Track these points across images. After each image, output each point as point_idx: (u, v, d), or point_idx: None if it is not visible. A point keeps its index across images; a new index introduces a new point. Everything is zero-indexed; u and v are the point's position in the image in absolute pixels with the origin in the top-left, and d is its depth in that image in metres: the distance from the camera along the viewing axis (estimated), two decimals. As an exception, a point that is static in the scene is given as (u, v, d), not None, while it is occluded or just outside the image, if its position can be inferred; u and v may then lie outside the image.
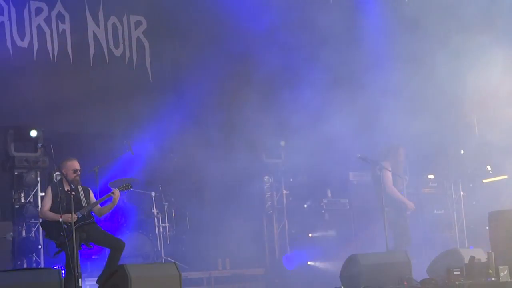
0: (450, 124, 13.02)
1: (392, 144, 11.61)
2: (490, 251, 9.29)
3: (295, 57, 13.69)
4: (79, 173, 10.29)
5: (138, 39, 14.39)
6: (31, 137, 12.43)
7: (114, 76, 13.90)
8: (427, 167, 13.81)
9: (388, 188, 11.16)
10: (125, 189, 10.65)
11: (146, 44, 14.47)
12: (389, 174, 11.15)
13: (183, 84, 14.29)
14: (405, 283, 9.27)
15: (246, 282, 13.16)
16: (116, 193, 10.25)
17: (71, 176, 10.10)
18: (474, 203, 13.17)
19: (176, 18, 14.49)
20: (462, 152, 13.17)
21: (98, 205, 10.36)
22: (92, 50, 13.87)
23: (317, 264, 13.22)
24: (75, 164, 10.25)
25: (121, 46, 14.18)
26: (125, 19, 14.29)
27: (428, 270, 9.75)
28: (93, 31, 13.90)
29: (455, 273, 9.11)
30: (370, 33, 13.66)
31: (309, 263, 13.39)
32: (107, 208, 10.48)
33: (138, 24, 14.41)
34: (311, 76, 13.10)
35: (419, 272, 9.62)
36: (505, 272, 8.98)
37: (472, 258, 9.28)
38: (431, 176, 13.91)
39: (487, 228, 10.45)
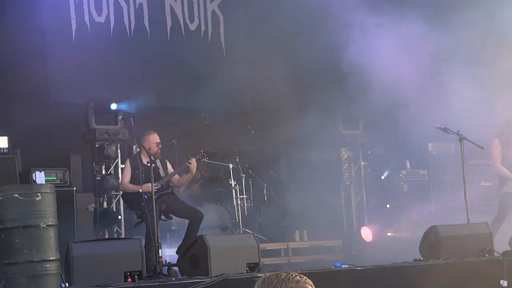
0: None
1: (506, 119, 11.23)
2: None
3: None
4: (161, 146, 10.42)
5: (213, 12, 14.43)
6: (112, 110, 12.62)
7: (189, 49, 13.98)
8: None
9: (494, 167, 11.00)
10: (201, 158, 10.74)
11: (221, 17, 14.50)
12: (495, 152, 10.95)
13: (256, 56, 14.26)
14: (486, 255, 9.15)
15: (324, 253, 13.14)
16: (193, 162, 10.32)
17: (154, 149, 10.25)
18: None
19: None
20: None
21: (177, 176, 10.48)
22: (169, 23, 13.96)
23: (396, 235, 13.14)
24: (157, 138, 10.40)
25: (196, 19, 14.24)
26: (201, -10, 14.36)
27: (510, 242, 9.59)
28: (170, 5, 13.99)
29: (539, 246, 8.98)
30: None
31: (388, 234, 13.30)
32: (186, 178, 10.61)
33: (213, -4, 14.46)
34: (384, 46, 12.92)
35: (501, 244, 9.48)
36: None
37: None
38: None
39: None
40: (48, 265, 6.88)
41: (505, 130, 11.11)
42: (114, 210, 12.29)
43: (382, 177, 14.09)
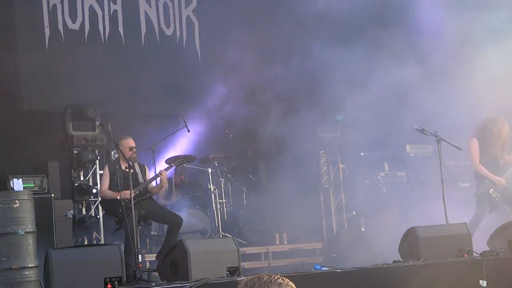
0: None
1: (483, 120, 11.22)
2: (553, 222, 9.17)
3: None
4: (135, 150, 10.40)
5: (188, 17, 14.44)
6: (89, 116, 12.59)
7: (165, 55, 13.99)
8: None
9: (473, 165, 11.06)
10: (179, 164, 10.73)
11: (196, 22, 14.51)
12: (474, 151, 10.99)
13: (231, 62, 14.28)
14: (465, 255, 9.19)
15: (304, 256, 13.17)
16: (163, 173, 10.35)
17: (128, 153, 10.22)
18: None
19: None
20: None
21: (152, 184, 10.46)
22: (143, 29, 13.97)
23: (375, 236, 13.16)
24: (131, 142, 10.39)
25: (171, 25, 14.25)
26: (176, -2, 14.37)
27: (489, 243, 9.64)
28: (145, 10, 14.01)
29: (516, 245, 9.01)
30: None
31: (363, 230, 13.34)
32: (156, 189, 10.58)
33: (188, 2, 14.48)
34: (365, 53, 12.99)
35: (480, 245, 9.51)
36: None
37: (534, 230, 9.18)
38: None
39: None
40: (27, 272, 6.85)
41: (482, 131, 11.15)
42: (94, 216, 12.25)
43: (366, 182, 14.09)
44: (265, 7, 14.39)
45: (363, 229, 13.63)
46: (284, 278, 3.57)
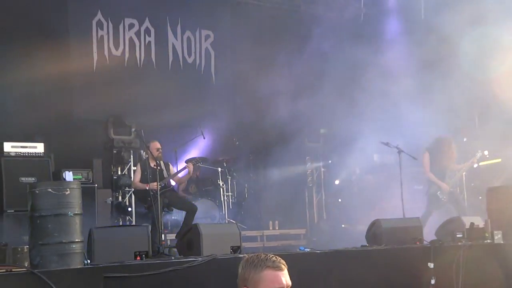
0: (456, 118, 12.75)
1: (439, 136, 11.30)
2: (487, 219, 9.14)
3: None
4: (161, 151, 10.41)
5: (206, 49, 14.43)
6: (126, 124, 12.59)
7: (186, 78, 13.99)
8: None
9: (425, 172, 11.07)
10: (196, 163, 10.75)
11: (212, 53, 14.51)
12: (425, 162, 11.02)
13: (240, 86, 14.30)
14: (417, 243, 9.17)
15: (291, 239, 13.14)
16: (190, 166, 10.38)
17: (155, 153, 10.23)
18: (472, 184, 12.96)
19: (237, 33, 14.52)
20: (465, 139, 12.94)
21: (178, 176, 10.47)
22: (170, 57, 13.97)
23: (347, 226, 13.16)
24: (157, 144, 10.42)
25: (193, 54, 14.24)
26: (197, 33, 14.37)
27: (436, 233, 9.61)
28: (172, 43, 14.01)
29: (458, 236, 8.97)
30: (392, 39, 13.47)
31: (342, 225, 13.31)
32: (185, 178, 10.61)
33: (207, 37, 14.47)
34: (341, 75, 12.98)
35: (429, 235, 9.50)
36: (499, 236, 8.83)
37: (472, 224, 9.13)
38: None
39: (480, 198, 10.32)
40: (74, 246, 6.81)
41: (435, 146, 11.17)
42: (127, 203, 12.24)
43: (336, 182, 14.08)
44: (268, 39, 14.39)
45: (343, 226, 13.57)
46: (277, 257, 3.59)
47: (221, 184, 12.81)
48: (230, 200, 13.04)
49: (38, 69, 11.89)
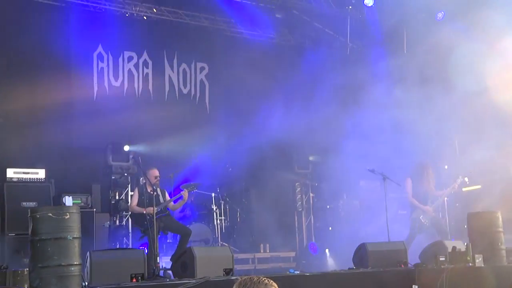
0: (438, 146, 12.77)
1: (418, 163, 11.27)
2: (468, 243, 9.10)
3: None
4: (159, 178, 10.34)
5: (201, 80, 14.46)
6: (125, 151, 12.55)
7: (182, 108, 13.99)
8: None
9: (408, 198, 11.05)
10: (192, 189, 10.68)
11: (207, 84, 14.54)
12: (408, 188, 10.99)
13: (231, 115, 14.34)
14: (402, 266, 9.13)
15: (281, 262, 13.06)
16: (185, 193, 10.29)
17: (153, 180, 10.17)
18: (457, 204, 12.93)
19: (231, 64, 14.58)
20: (446, 167, 12.95)
21: (172, 202, 10.39)
22: (167, 88, 13.99)
23: (336, 249, 13.06)
24: (156, 172, 10.34)
25: (188, 85, 14.27)
26: (193, 65, 14.42)
27: (420, 257, 9.57)
28: (169, 75, 14.04)
29: (441, 259, 8.94)
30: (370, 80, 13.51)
31: (326, 250, 13.22)
32: (179, 205, 10.52)
33: (202, 69, 14.52)
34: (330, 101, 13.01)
35: (413, 258, 9.45)
36: (480, 259, 8.80)
37: (454, 248, 9.11)
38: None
39: (465, 226, 10.29)
40: (72, 268, 6.75)
41: (416, 171, 11.16)
42: (125, 226, 12.14)
43: (328, 207, 14.01)
44: (260, 70, 14.44)
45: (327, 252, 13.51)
46: (269, 280, 3.55)
47: (214, 209, 12.74)
48: (223, 224, 12.96)
49: (40, 97, 11.94)
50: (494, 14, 11.49)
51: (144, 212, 9.81)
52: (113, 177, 12.36)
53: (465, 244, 9.14)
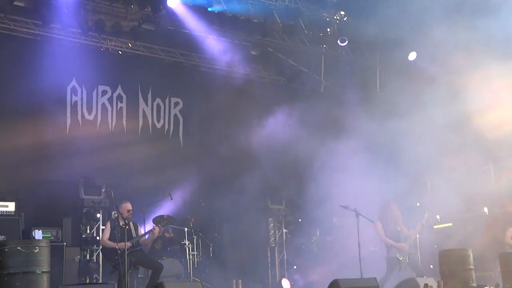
0: (410, 184, 12.85)
1: (381, 202, 11.22)
2: (440, 280, 9.11)
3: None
4: (131, 212, 10.24)
5: (175, 115, 14.48)
6: (97, 184, 12.42)
7: (155, 142, 13.97)
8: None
9: (380, 238, 11.02)
10: (165, 224, 10.57)
11: (181, 119, 14.55)
12: (379, 230, 10.94)
13: (204, 150, 14.33)
14: (375, 303, 9.08)
15: (254, 299, 12.96)
16: (156, 229, 10.20)
17: (125, 214, 10.06)
18: (426, 246, 12.98)
19: (205, 100, 14.64)
20: (418, 204, 13.02)
21: (144, 238, 10.26)
22: (140, 123, 13.97)
23: (308, 285, 13.00)
24: (129, 206, 10.24)
25: (161, 120, 14.26)
26: (167, 100, 14.44)
27: (393, 295, 9.56)
28: (143, 109, 14.04)
29: (413, 296, 8.93)
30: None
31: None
32: (149, 240, 10.40)
33: (176, 104, 14.54)
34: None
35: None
36: (451, 296, 8.82)
37: (426, 285, 9.10)
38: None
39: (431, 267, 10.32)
40: (41, 303, 6.62)
41: (382, 212, 11.13)
42: (95, 261, 11.94)
43: (303, 246, 13.89)
44: (235, 105, 14.50)
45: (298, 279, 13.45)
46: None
47: (187, 244, 12.60)
48: (196, 259, 12.80)
49: (11, 130, 11.81)
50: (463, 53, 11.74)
51: (116, 246, 9.67)
52: (84, 211, 12.19)
53: (437, 281, 9.14)
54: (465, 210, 12.43)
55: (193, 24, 13.29)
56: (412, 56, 14.18)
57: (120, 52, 13.73)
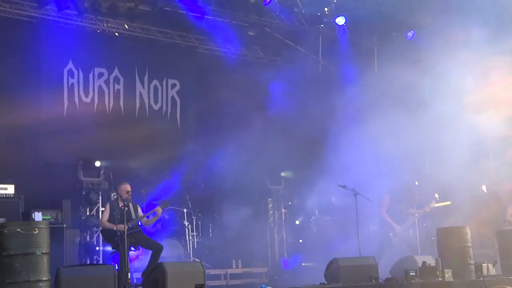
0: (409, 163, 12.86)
1: (402, 185, 11.25)
2: (437, 257, 9.18)
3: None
4: (130, 193, 10.26)
5: (172, 97, 14.45)
6: (96, 166, 12.44)
7: (153, 124, 13.96)
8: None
9: (380, 213, 11.07)
10: (165, 207, 10.61)
11: (178, 101, 14.53)
12: (385, 202, 11.00)
13: (202, 132, 14.32)
14: (373, 281, 9.17)
15: (253, 278, 13.03)
16: (159, 210, 10.23)
17: (124, 195, 10.09)
18: (424, 225, 13.03)
19: (202, 81, 14.61)
20: (416, 183, 13.05)
21: (145, 218, 10.31)
22: (137, 105, 13.96)
23: (307, 265, 13.06)
24: (128, 187, 10.25)
25: (159, 102, 14.24)
26: (164, 82, 14.40)
27: (391, 272, 9.62)
28: (139, 91, 14.02)
29: (411, 274, 8.98)
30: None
31: (303, 264, 13.20)
32: (151, 221, 10.44)
33: (173, 86, 14.50)
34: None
35: (384, 273, 9.49)
36: (449, 274, 8.88)
37: (424, 263, 9.17)
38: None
39: (432, 238, 10.36)
40: (41, 284, 6.69)
41: (400, 192, 11.12)
42: (95, 242, 12.00)
43: (297, 222, 14.01)
44: (231, 86, 14.47)
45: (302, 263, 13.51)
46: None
47: (186, 224, 12.67)
48: (195, 239, 12.90)
49: (10, 113, 11.80)
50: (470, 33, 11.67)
51: (115, 228, 9.71)
52: (83, 193, 12.24)
53: (435, 259, 9.21)
54: (463, 188, 12.46)
55: (190, 4, 13.22)
56: (410, 34, 14.11)
57: (117, 34, 13.67)
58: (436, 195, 12.45)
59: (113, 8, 12.86)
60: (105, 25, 13.40)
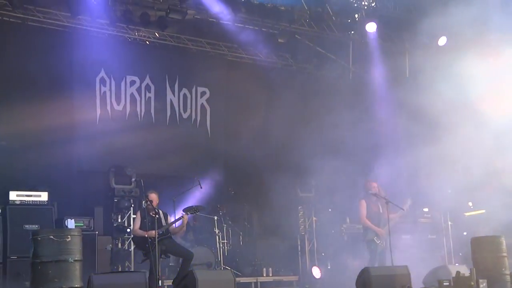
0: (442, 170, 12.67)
1: (363, 184, 11.08)
2: (472, 267, 9.02)
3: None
4: (158, 201, 10.29)
5: (202, 105, 14.49)
6: (127, 174, 12.52)
7: (183, 132, 14.00)
8: (423, 202, 13.49)
9: (361, 219, 10.87)
10: (194, 212, 10.60)
11: (208, 108, 14.55)
12: (362, 209, 10.78)
13: (234, 139, 14.32)
14: (406, 290, 9.04)
15: (284, 286, 12.97)
16: (185, 217, 10.21)
17: (154, 203, 10.11)
18: (464, 233, 12.80)
19: (232, 89, 14.62)
20: (449, 191, 12.86)
21: (173, 226, 10.31)
22: (168, 112, 14.01)
23: (338, 273, 12.93)
24: (154, 196, 10.26)
25: (188, 110, 14.30)
26: (194, 90, 14.45)
27: (424, 281, 9.49)
28: (170, 99, 14.08)
29: (445, 284, 8.86)
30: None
31: (334, 272, 13.04)
32: (178, 229, 10.40)
33: (203, 94, 14.54)
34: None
35: (417, 283, 9.36)
36: (484, 284, 8.72)
37: (458, 272, 9.03)
38: (425, 209, 13.66)
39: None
40: (74, 291, 6.71)
41: (365, 192, 10.97)
42: (126, 249, 12.06)
43: (333, 231, 13.83)
44: (261, 94, 14.47)
45: (329, 267, 13.39)
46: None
47: (217, 232, 12.66)
48: (226, 247, 12.88)
49: (44, 121, 11.95)
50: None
51: (146, 235, 9.75)
52: (115, 200, 12.29)
53: (469, 269, 9.06)
54: (498, 196, 12.24)
55: (220, 13, 13.25)
56: (442, 41, 13.96)
57: (148, 42, 13.78)
58: (470, 203, 12.25)
59: (145, 17, 12.96)
60: (136, 33, 13.51)
